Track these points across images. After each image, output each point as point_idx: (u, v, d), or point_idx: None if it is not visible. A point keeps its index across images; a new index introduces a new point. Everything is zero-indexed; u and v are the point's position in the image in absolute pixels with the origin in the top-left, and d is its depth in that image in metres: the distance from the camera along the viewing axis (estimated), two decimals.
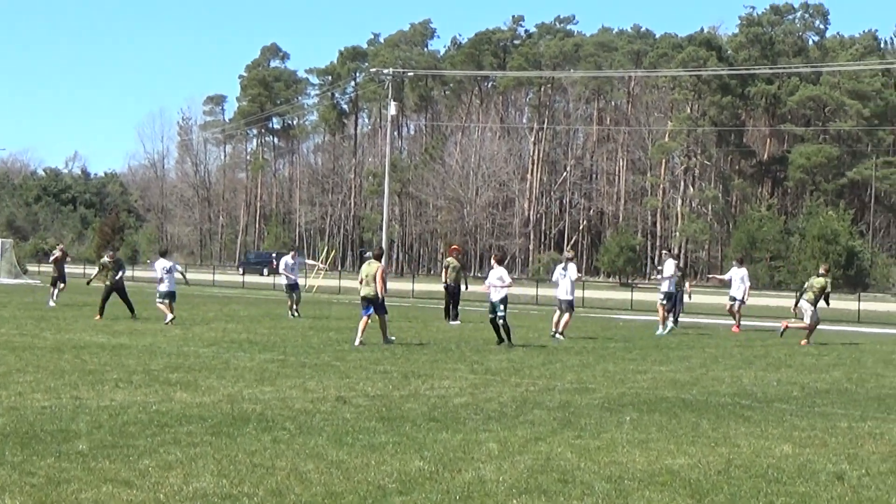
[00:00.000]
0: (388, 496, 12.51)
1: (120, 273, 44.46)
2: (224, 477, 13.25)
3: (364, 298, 34.44)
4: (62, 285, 51.56)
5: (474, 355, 31.80)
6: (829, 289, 41.23)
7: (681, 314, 43.57)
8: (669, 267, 43.67)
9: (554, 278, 40.32)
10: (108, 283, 44.27)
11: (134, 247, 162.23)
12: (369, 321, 33.66)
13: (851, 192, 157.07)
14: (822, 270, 41.88)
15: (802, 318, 40.28)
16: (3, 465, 13.63)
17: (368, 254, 35.58)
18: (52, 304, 44.46)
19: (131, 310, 43.55)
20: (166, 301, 41.62)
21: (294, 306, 48.11)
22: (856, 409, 22.02)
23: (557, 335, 37.09)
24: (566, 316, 37.95)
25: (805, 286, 41.71)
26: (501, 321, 34.74)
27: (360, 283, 35.06)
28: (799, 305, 40.40)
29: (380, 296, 34.20)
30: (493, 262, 37.15)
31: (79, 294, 59.44)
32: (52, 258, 47.04)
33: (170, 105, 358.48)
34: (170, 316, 40.84)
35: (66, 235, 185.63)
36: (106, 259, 45.82)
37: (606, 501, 12.57)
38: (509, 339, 34.59)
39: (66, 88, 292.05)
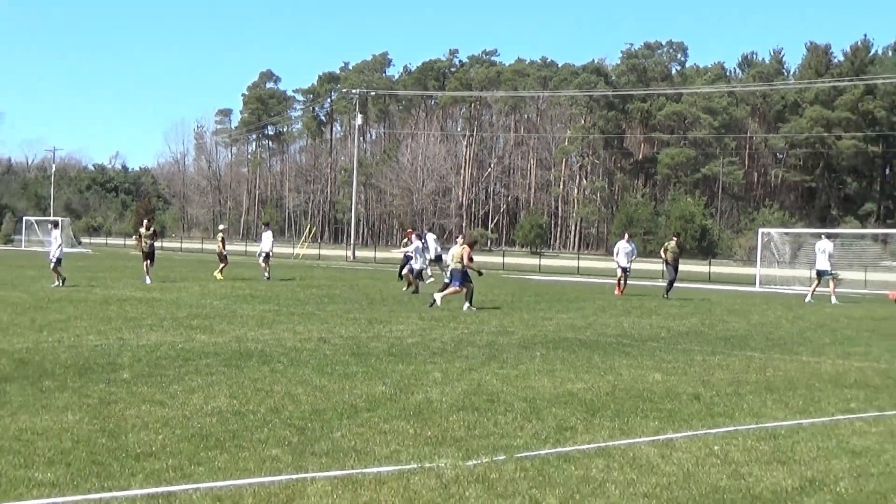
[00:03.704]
0: (359, 412, 12.50)
1: (152, 242, 42.41)
2: (234, 398, 13.24)
3: (452, 270, 32.49)
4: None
5: (422, 307, 31.77)
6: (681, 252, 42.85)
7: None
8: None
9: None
10: (143, 249, 42.04)
11: (162, 224, 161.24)
12: (461, 289, 32.71)
13: (704, 183, 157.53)
14: (674, 243, 42.59)
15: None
16: (66, 389, 13.58)
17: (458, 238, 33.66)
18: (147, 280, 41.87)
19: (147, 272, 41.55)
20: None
21: (266, 270, 47.16)
22: (708, 346, 22.10)
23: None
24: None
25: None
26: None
27: (452, 259, 32.73)
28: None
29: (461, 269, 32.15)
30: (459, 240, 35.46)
31: (120, 259, 59.17)
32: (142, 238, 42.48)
33: (189, 116, 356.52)
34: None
35: (109, 216, 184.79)
36: (143, 229, 43.28)
37: (523, 416, 12.57)
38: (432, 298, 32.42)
39: (110, 101, 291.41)
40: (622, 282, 41.17)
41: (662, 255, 42.94)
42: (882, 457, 10.99)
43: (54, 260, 38.09)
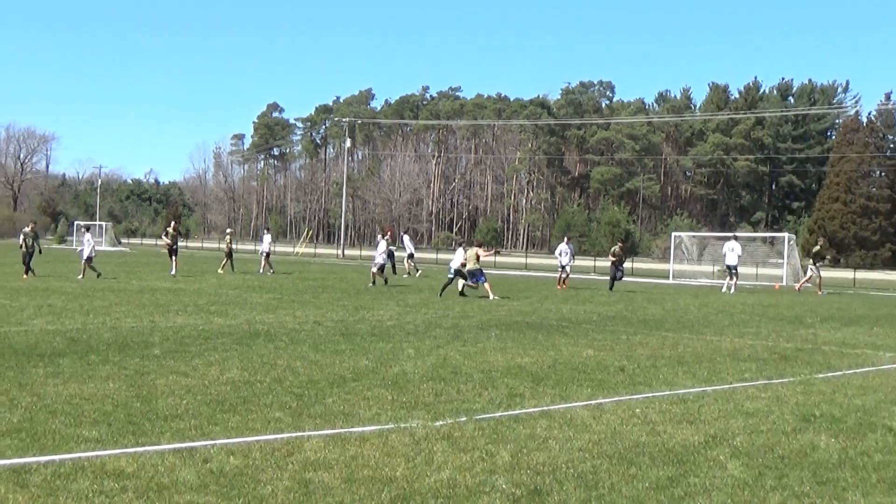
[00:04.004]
0: (347, 382, 12.44)
1: (177, 239, 42.62)
2: (245, 370, 13.17)
3: (471, 271, 32.70)
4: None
5: (399, 295, 31.72)
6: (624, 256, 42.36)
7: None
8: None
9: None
10: (169, 244, 42.01)
11: (186, 227, 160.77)
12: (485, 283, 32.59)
13: (628, 196, 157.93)
14: (618, 248, 42.07)
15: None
16: (108, 363, 13.50)
17: (463, 243, 33.88)
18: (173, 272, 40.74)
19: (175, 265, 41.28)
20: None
21: (264, 266, 47.07)
22: (631, 328, 22.10)
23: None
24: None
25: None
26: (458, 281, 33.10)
27: (468, 261, 32.87)
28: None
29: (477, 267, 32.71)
30: (459, 246, 35.65)
31: (152, 257, 58.97)
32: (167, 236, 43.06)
33: (209, 139, 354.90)
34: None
35: (144, 221, 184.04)
36: (170, 229, 43.15)
37: (480, 385, 12.54)
38: (447, 290, 32.84)
39: (146, 127, 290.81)
40: (563, 277, 40.81)
41: (611, 257, 42.33)
42: (770, 416, 11.01)
43: (85, 257, 38.14)
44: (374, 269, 37.69)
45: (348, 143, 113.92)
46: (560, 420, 10.36)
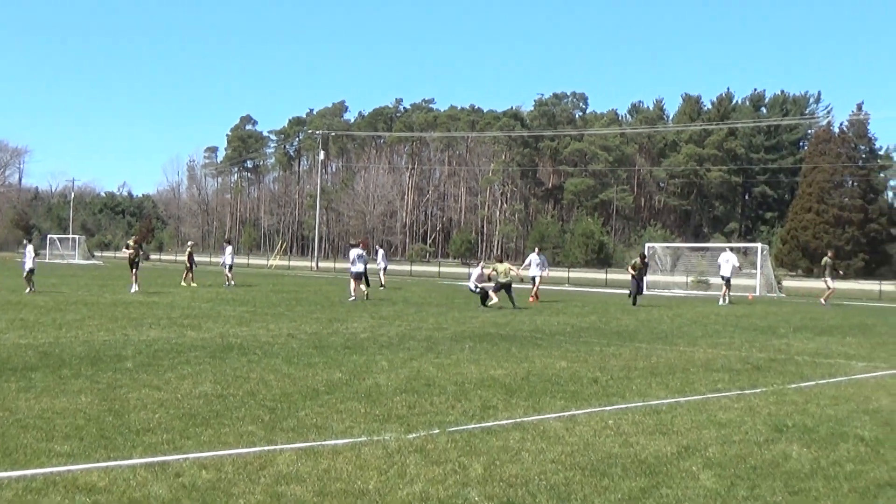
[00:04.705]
0: (320, 395, 12.44)
1: (140, 254, 41.08)
2: (218, 384, 13.14)
3: (500, 283, 34.27)
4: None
5: (372, 307, 31.74)
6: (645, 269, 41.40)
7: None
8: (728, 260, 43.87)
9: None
10: (138, 260, 39.54)
11: (160, 240, 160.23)
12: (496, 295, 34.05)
13: (602, 207, 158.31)
14: (638, 261, 41.03)
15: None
16: (80, 376, 13.47)
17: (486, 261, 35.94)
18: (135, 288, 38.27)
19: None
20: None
21: (228, 278, 47.08)
22: (604, 339, 22.17)
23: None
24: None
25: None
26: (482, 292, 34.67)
27: (497, 273, 34.52)
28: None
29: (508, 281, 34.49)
30: (482, 261, 36.89)
31: (125, 270, 58.69)
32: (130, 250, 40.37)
33: (183, 152, 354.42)
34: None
35: (117, 234, 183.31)
36: (130, 241, 41.18)
37: (454, 397, 12.55)
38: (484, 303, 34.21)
39: (119, 139, 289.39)
40: (535, 289, 39.74)
41: (628, 269, 41.55)
42: (742, 427, 11.06)
43: (27, 270, 36.71)
44: (353, 280, 36.84)
45: (322, 155, 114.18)
46: (533, 432, 10.38)
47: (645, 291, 53.25)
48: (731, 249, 45.00)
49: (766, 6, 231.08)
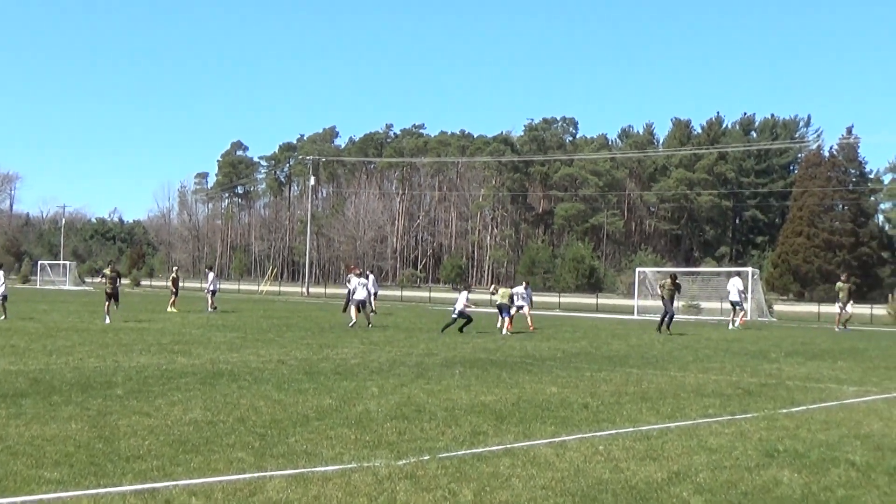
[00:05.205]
0: (310, 421, 12.44)
1: (117, 281, 37.56)
2: (208, 410, 13.13)
3: (499, 306, 36.14)
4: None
5: (363, 333, 31.72)
6: (676, 290, 38.86)
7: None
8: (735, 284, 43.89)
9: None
10: (107, 288, 36.82)
11: (151, 266, 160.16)
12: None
13: (592, 231, 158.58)
14: (669, 281, 38.57)
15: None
16: (70, 403, 13.46)
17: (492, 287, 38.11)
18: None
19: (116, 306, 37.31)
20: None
21: (211, 304, 47.17)
22: (595, 364, 22.17)
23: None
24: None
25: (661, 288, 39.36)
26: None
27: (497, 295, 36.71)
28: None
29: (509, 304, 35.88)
30: (494, 287, 38.39)
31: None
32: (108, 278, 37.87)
33: (174, 178, 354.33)
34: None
35: (107, 260, 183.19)
36: (107, 271, 38.63)
37: (444, 423, 12.54)
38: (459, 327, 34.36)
39: (110, 166, 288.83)
40: (511, 316, 38.89)
41: (660, 291, 40.17)
42: (733, 452, 11.06)
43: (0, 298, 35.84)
44: (353, 306, 36.67)
45: (312, 180, 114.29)
46: (523, 458, 10.38)
47: (636, 316, 53.44)
48: (728, 274, 44.21)
49: (754, 30, 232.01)
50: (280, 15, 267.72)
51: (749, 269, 59.76)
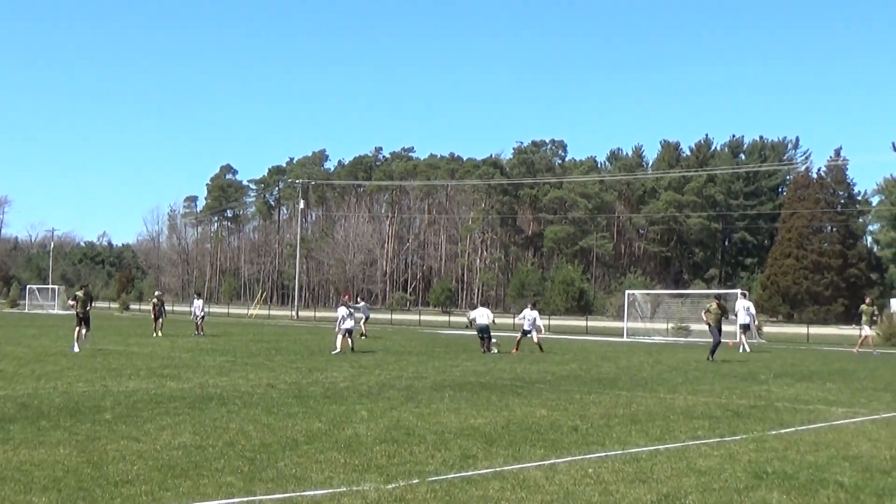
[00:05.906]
0: (299, 445, 12.43)
1: (88, 304, 34.73)
2: (197, 434, 13.12)
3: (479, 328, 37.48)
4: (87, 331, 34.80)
5: (352, 356, 31.72)
6: (723, 314, 36.64)
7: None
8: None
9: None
10: (78, 312, 33.87)
11: (140, 290, 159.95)
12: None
13: (581, 254, 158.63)
14: (714, 305, 36.16)
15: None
16: (59, 428, 13.45)
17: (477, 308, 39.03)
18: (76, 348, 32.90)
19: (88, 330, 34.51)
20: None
21: (199, 329, 47.51)
22: (585, 386, 22.18)
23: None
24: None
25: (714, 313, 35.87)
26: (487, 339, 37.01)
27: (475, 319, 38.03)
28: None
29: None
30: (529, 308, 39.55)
31: (105, 320, 58.56)
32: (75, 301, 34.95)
33: (163, 201, 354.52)
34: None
35: (97, 284, 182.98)
36: (79, 293, 35.16)
37: (434, 447, 12.54)
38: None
39: (99, 189, 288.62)
40: (520, 342, 37.65)
41: (704, 317, 36.82)
42: (722, 475, 11.07)
43: None
44: (340, 335, 36.28)
45: (302, 204, 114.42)
46: (513, 481, 10.38)
47: (625, 338, 53.47)
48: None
49: (743, 53, 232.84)
50: (269, 39, 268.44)
51: (738, 292, 59.84)
